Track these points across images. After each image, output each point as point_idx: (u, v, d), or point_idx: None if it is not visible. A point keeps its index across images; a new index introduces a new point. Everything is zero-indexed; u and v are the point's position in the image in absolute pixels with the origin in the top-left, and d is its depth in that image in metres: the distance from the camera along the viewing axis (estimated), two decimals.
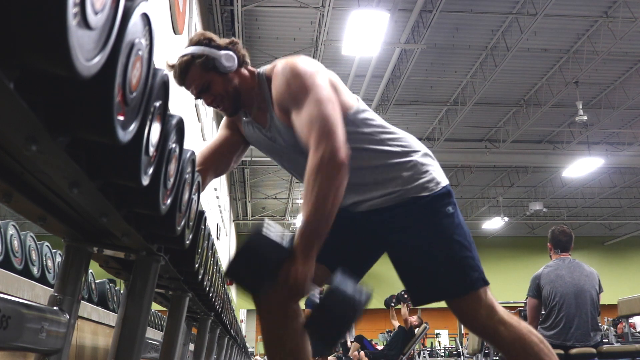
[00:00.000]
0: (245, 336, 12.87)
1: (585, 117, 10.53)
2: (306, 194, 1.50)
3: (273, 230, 1.52)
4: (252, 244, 1.52)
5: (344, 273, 1.53)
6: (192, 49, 1.71)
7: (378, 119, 1.79)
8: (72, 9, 0.55)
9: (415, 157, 1.75)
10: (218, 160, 1.92)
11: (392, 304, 9.20)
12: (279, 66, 1.67)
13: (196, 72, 1.70)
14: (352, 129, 1.67)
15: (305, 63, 1.63)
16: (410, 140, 1.80)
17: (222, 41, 1.76)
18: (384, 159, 1.72)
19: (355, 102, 1.76)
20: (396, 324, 8.82)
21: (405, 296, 8.71)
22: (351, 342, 9.41)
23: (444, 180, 1.77)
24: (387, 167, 1.72)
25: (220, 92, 1.73)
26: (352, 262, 1.84)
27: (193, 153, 1.23)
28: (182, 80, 1.73)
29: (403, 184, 1.71)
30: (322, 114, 1.53)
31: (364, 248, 1.87)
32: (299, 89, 1.58)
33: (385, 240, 1.83)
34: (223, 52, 1.71)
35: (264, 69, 1.77)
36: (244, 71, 1.77)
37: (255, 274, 1.54)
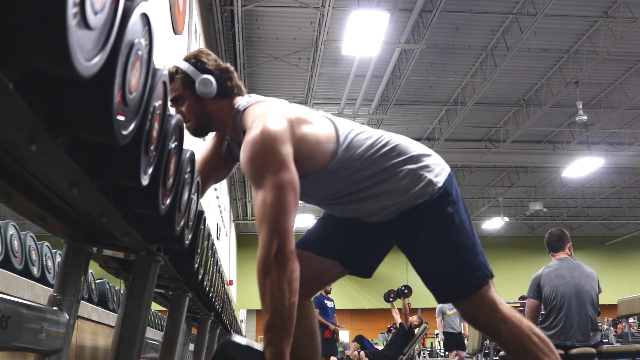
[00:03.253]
0: (245, 336, 12.87)
1: (585, 117, 10.53)
2: (262, 296, 1.48)
3: (241, 339, 1.57)
4: (224, 352, 1.56)
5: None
6: (181, 63, 1.71)
7: (362, 137, 1.72)
8: (72, 9, 0.55)
9: (408, 165, 1.71)
10: (217, 165, 1.90)
11: (391, 299, 9.22)
12: (248, 127, 1.59)
13: (177, 85, 1.71)
14: (337, 173, 1.68)
15: (269, 133, 1.52)
16: (402, 145, 1.75)
17: (214, 66, 1.72)
18: (377, 177, 1.70)
19: (333, 137, 1.69)
20: (397, 317, 8.84)
21: (406, 292, 8.71)
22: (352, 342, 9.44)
23: (441, 178, 1.73)
24: (381, 183, 1.70)
25: (190, 112, 1.71)
26: (364, 258, 1.89)
27: (192, 153, 1.23)
28: None
29: (400, 195, 1.69)
30: (275, 205, 1.49)
31: (374, 246, 1.88)
32: (259, 170, 1.53)
33: (392, 241, 1.86)
34: (203, 76, 1.68)
35: (243, 106, 1.71)
36: (225, 101, 1.72)
37: None
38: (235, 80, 1.76)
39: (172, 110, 1.80)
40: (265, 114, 1.59)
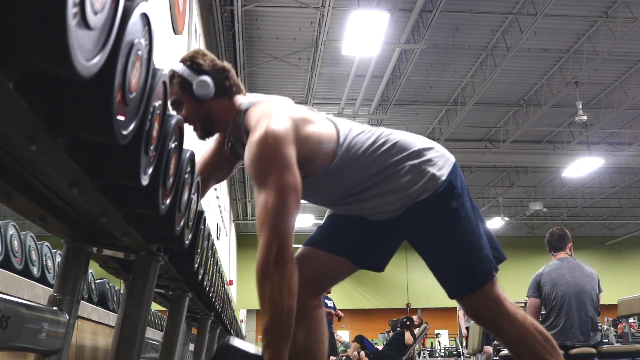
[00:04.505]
0: (245, 336, 12.87)
1: (585, 117, 10.53)
2: (261, 299, 1.48)
3: (239, 342, 1.56)
4: (222, 356, 1.55)
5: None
6: (178, 66, 1.71)
7: (362, 137, 1.72)
8: (72, 9, 0.55)
9: (410, 161, 1.69)
10: (218, 165, 1.90)
11: (398, 330, 9.00)
12: (252, 128, 1.58)
13: (174, 89, 1.70)
14: (339, 173, 1.68)
15: (274, 134, 1.52)
16: (402, 141, 1.73)
17: (211, 66, 1.71)
18: (379, 176, 1.69)
19: (334, 137, 1.69)
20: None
21: (407, 323, 8.57)
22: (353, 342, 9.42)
23: (444, 171, 1.71)
24: (384, 182, 1.69)
25: (191, 114, 1.71)
26: (374, 254, 1.90)
27: (192, 153, 1.23)
28: None
29: (403, 192, 1.68)
30: (277, 208, 1.49)
31: (384, 242, 1.88)
32: (262, 172, 1.52)
33: (401, 236, 1.86)
34: (200, 78, 1.67)
35: (245, 105, 1.70)
36: (224, 100, 1.72)
37: None
38: (233, 79, 1.75)
39: (173, 112, 1.80)
40: (269, 114, 1.58)
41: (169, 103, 1.72)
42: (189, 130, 1.66)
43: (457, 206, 1.70)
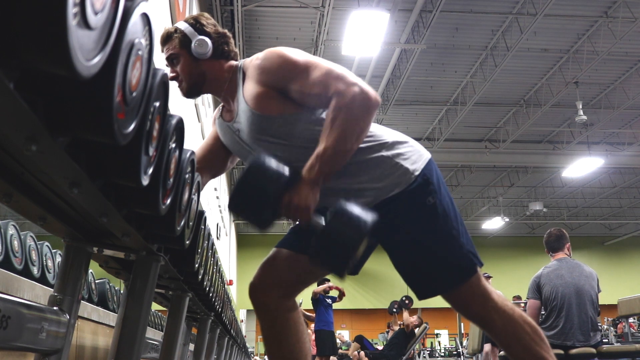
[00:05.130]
0: (245, 336, 12.87)
1: (585, 117, 10.53)
2: (330, 127, 1.52)
3: (271, 161, 1.50)
4: (252, 173, 1.49)
5: (347, 200, 1.51)
6: (181, 24, 1.74)
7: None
8: (72, 9, 0.55)
9: (381, 152, 1.66)
10: (212, 161, 1.89)
11: (395, 311, 9.10)
12: (264, 52, 1.66)
13: (174, 44, 1.72)
14: (317, 128, 1.63)
15: (285, 48, 1.65)
16: (375, 131, 1.71)
17: (213, 30, 1.74)
18: (349, 166, 1.62)
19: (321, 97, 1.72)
20: (397, 329, 8.77)
21: (407, 302, 8.64)
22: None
23: (418, 165, 1.67)
24: (354, 166, 1.64)
25: (185, 71, 1.72)
26: None
27: (193, 153, 1.23)
28: (162, 44, 1.76)
29: (374, 182, 1.64)
30: (342, 71, 1.58)
31: None
32: (299, 64, 1.60)
33: (374, 238, 1.73)
34: (200, 37, 1.70)
35: (243, 60, 1.76)
36: (220, 62, 1.74)
37: (258, 202, 1.50)
38: (232, 46, 1.78)
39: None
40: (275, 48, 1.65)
41: (164, 57, 1.75)
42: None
43: (433, 202, 1.65)
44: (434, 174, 1.70)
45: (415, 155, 1.70)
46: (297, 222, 1.58)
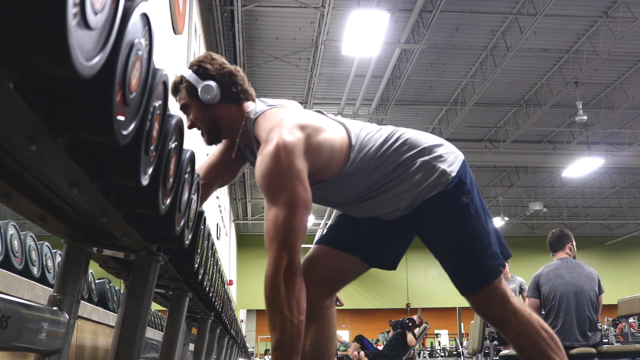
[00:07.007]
0: (245, 336, 12.87)
1: (585, 117, 10.53)
2: (270, 314, 1.50)
3: None
4: None
5: None
6: (185, 71, 1.72)
7: (373, 136, 1.73)
8: (72, 9, 0.55)
9: (421, 158, 1.70)
10: (223, 171, 1.90)
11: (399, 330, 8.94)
12: (264, 140, 1.58)
13: (182, 94, 1.72)
14: (353, 175, 1.68)
15: (285, 147, 1.52)
16: (412, 138, 1.74)
17: (218, 72, 1.70)
18: (392, 174, 1.70)
19: (346, 140, 1.69)
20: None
21: (409, 325, 8.55)
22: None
23: (454, 167, 1.71)
24: (397, 179, 1.69)
25: (198, 119, 1.72)
26: (386, 252, 1.89)
27: (192, 153, 1.23)
28: (173, 95, 1.75)
29: (414, 189, 1.68)
30: (287, 224, 1.51)
31: (395, 240, 1.89)
32: (273, 186, 1.54)
33: (412, 234, 1.86)
34: (205, 83, 1.68)
35: (255, 114, 1.70)
36: (231, 107, 1.71)
37: None
38: (241, 84, 1.73)
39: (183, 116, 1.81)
40: (280, 125, 1.58)
41: (178, 107, 1.74)
42: (188, 130, 1.67)
43: (467, 202, 1.71)
44: (467, 175, 1.74)
45: (452, 157, 1.74)
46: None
